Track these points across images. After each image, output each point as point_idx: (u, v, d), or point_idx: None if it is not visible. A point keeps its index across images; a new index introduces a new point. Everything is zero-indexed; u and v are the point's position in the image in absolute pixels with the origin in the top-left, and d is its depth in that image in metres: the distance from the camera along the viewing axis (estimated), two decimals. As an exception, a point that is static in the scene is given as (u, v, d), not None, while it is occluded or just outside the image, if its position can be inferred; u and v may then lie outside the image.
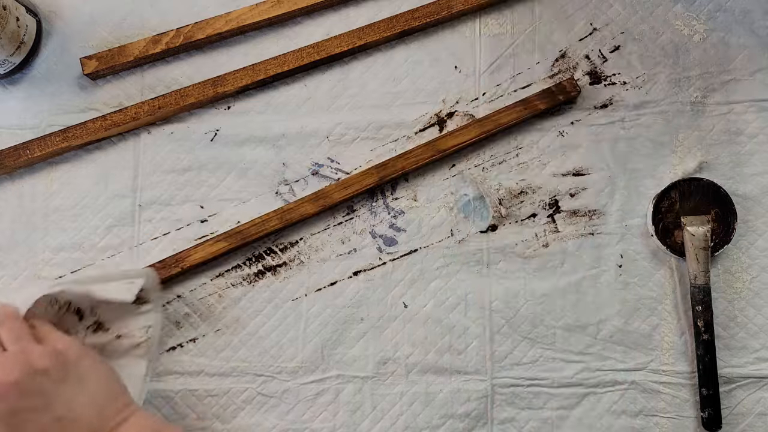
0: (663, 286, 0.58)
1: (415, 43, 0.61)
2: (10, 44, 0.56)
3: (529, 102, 0.58)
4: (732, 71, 0.59)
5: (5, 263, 0.58)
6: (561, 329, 0.57)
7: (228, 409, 0.57)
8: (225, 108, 0.60)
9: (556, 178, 0.59)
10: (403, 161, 0.58)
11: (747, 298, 0.57)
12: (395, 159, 0.58)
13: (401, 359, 0.57)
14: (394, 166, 0.58)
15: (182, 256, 0.57)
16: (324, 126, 0.59)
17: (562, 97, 0.58)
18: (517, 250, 0.58)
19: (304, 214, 0.57)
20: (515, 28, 0.60)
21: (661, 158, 0.59)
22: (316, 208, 0.57)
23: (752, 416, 0.56)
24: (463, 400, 0.57)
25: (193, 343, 0.58)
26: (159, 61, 0.60)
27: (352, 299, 0.58)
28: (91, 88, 0.60)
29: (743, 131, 0.58)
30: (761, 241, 0.57)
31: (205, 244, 0.57)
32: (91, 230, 0.59)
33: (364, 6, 0.61)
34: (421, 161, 0.57)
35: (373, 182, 0.57)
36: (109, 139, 0.59)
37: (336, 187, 0.57)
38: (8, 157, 0.58)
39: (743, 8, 0.60)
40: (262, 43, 0.61)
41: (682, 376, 0.57)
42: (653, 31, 0.60)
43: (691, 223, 0.56)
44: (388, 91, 0.60)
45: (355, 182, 0.57)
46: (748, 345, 0.57)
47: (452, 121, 0.59)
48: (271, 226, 0.57)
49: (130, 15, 0.61)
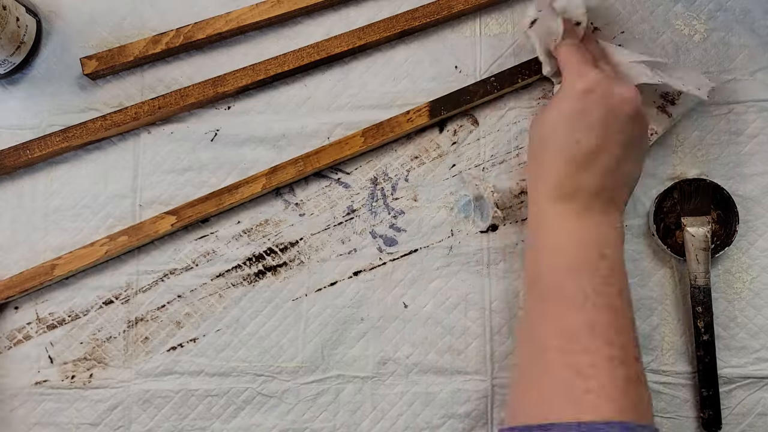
0: (663, 286, 0.58)
1: (415, 43, 0.60)
2: (10, 44, 0.56)
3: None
4: (732, 71, 0.59)
5: (5, 263, 0.58)
6: (561, 329, 0.57)
7: (228, 409, 0.57)
8: (225, 108, 0.60)
9: (556, 178, 0.59)
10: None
11: (747, 298, 0.57)
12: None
13: (401, 359, 0.57)
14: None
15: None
16: (324, 126, 0.59)
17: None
18: (517, 250, 0.58)
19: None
20: (516, 27, 0.60)
21: (661, 158, 0.59)
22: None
23: (752, 416, 0.56)
24: (463, 400, 0.57)
25: (194, 343, 0.58)
26: (159, 61, 0.60)
27: (352, 299, 0.58)
28: (91, 88, 0.60)
29: (743, 131, 0.58)
30: (761, 242, 0.57)
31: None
32: (91, 230, 0.59)
33: (364, 6, 0.61)
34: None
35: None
36: (109, 139, 0.59)
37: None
38: (8, 157, 0.58)
39: (744, 8, 0.60)
40: (262, 43, 0.61)
41: (682, 376, 0.57)
42: (653, 30, 0.60)
43: (692, 224, 0.56)
44: (388, 91, 0.60)
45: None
46: (748, 345, 0.57)
47: (452, 121, 0.59)
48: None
49: (130, 15, 0.61)
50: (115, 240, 0.57)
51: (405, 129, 0.58)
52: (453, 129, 0.59)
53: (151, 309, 0.58)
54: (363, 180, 0.59)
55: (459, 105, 0.58)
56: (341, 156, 0.57)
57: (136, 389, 0.57)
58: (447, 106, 0.58)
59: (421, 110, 0.58)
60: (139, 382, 0.57)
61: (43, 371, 0.57)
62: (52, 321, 0.58)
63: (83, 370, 0.57)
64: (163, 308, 0.58)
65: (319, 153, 0.58)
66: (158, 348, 0.58)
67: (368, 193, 0.59)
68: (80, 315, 0.58)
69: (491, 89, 0.58)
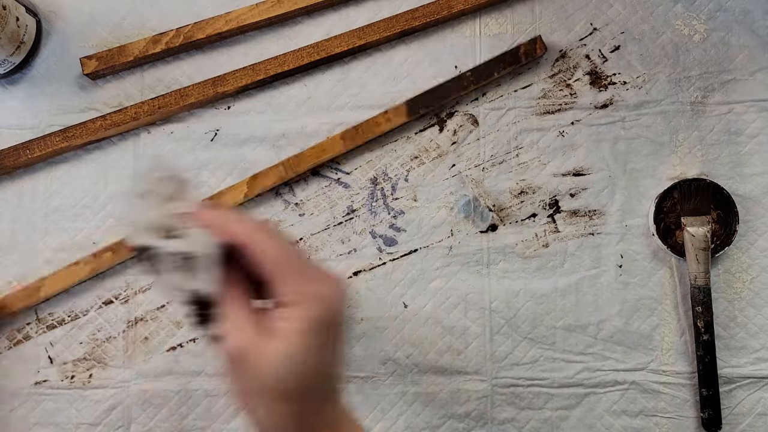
0: (663, 286, 0.58)
1: (415, 43, 0.60)
2: (9, 44, 0.56)
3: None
4: (732, 71, 0.59)
5: (5, 263, 0.58)
6: (561, 329, 0.57)
7: (228, 409, 0.57)
8: (225, 108, 0.60)
9: (556, 178, 0.59)
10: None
11: (747, 298, 0.57)
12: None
13: (401, 359, 0.57)
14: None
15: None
16: (324, 126, 0.59)
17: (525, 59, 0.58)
18: (517, 251, 0.58)
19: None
20: (515, 27, 0.60)
21: (661, 158, 0.59)
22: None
23: (752, 416, 0.56)
24: (463, 400, 0.57)
25: (194, 343, 0.58)
26: (159, 61, 0.60)
27: (352, 299, 0.58)
28: (91, 88, 0.60)
29: (743, 131, 0.58)
30: (761, 242, 0.57)
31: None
32: (91, 230, 0.59)
33: (364, 6, 0.61)
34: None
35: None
36: (109, 139, 0.59)
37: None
38: (8, 157, 0.58)
39: (743, 8, 0.60)
40: (262, 43, 0.61)
41: (682, 376, 0.57)
42: (653, 31, 0.60)
43: (692, 224, 0.56)
44: (388, 91, 0.60)
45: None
46: (748, 345, 0.57)
47: (452, 121, 0.59)
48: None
49: (130, 15, 0.61)
50: (99, 257, 0.57)
51: (384, 128, 0.58)
52: (453, 129, 0.59)
53: (151, 309, 0.58)
54: (363, 180, 0.59)
55: (436, 101, 0.58)
56: (321, 159, 0.58)
57: (135, 389, 0.57)
58: (425, 103, 0.58)
59: (399, 109, 0.58)
60: (139, 382, 0.57)
61: (43, 371, 0.57)
62: (52, 321, 0.58)
63: (83, 370, 0.57)
64: (162, 308, 0.58)
65: (299, 158, 0.58)
66: (158, 348, 0.58)
67: (368, 193, 0.59)
68: (80, 315, 0.58)
69: (467, 84, 0.58)
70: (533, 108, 0.59)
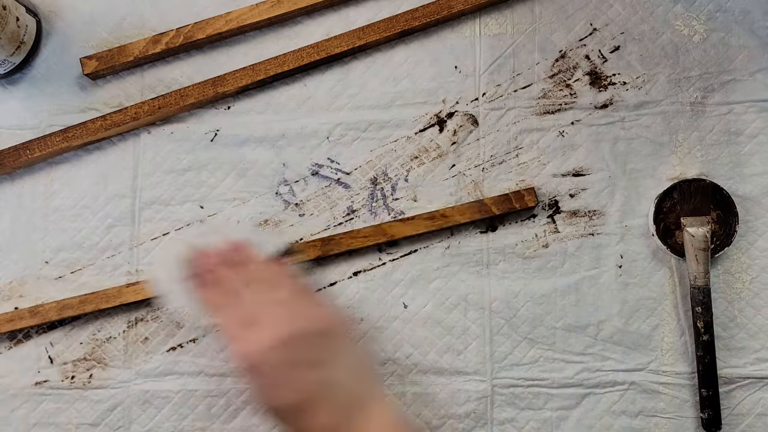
0: (663, 286, 0.58)
1: (415, 43, 0.60)
2: (10, 44, 0.56)
3: (484, 205, 0.57)
4: (732, 71, 0.59)
5: (5, 263, 0.58)
6: (561, 330, 0.57)
7: (228, 410, 0.57)
8: (225, 108, 0.60)
9: (556, 178, 0.59)
10: (350, 239, 0.57)
11: (747, 298, 0.57)
12: (341, 236, 0.57)
13: (401, 359, 0.57)
14: (338, 244, 0.57)
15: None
16: (324, 126, 0.59)
17: (518, 206, 0.57)
18: (517, 251, 0.58)
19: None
20: (515, 28, 0.60)
21: (661, 158, 0.59)
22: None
23: (752, 417, 0.56)
24: (462, 400, 0.57)
25: (194, 343, 0.58)
26: (159, 61, 0.60)
27: (352, 299, 0.58)
28: (91, 88, 0.60)
29: (743, 131, 0.58)
30: (761, 242, 0.57)
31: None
32: (91, 230, 0.59)
33: (364, 6, 0.61)
34: (366, 243, 0.57)
35: (316, 255, 0.57)
36: (109, 139, 0.59)
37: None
38: (8, 157, 0.58)
39: (743, 8, 0.60)
40: (262, 43, 0.61)
41: (681, 376, 0.57)
42: (653, 31, 0.60)
43: (691, 224, 0.56)
44: (388, 91, 0.60)
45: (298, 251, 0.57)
46: (748, 346, 0.57)
47: (452, 121, 0.59)
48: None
49: (130, 15, 0.61)
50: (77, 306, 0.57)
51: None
52: (453, 129, 0.59)
53: (151, 309, 0.58)
54: (363, 180, 0.59)
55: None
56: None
57: (135, 389, 0.57)
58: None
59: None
60: (139, 383, 0.57)
61: (43, 371, 0.57)
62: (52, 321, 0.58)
63: (83, 370, 0.57)
64: (162, 308, 0.58)
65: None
66: (158, 348, 0.58)
67: (368, 193, 0.59)
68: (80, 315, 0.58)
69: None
70: (533, 108, 0.59)
